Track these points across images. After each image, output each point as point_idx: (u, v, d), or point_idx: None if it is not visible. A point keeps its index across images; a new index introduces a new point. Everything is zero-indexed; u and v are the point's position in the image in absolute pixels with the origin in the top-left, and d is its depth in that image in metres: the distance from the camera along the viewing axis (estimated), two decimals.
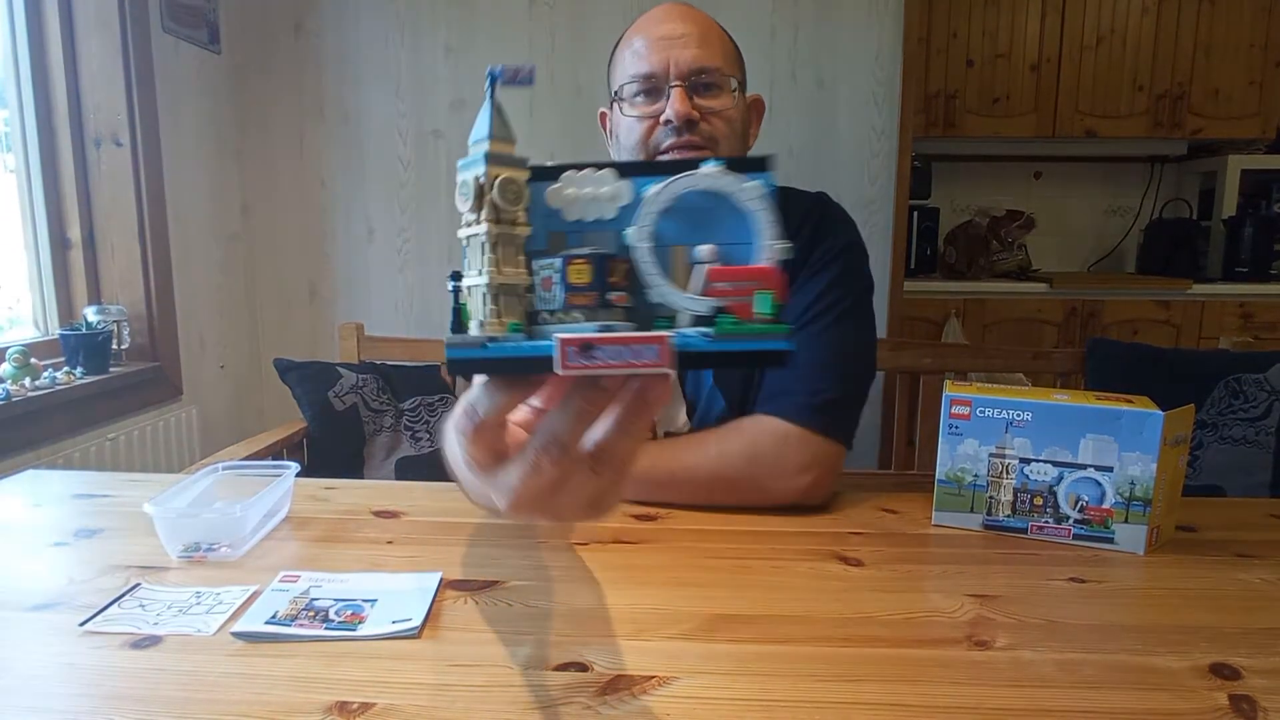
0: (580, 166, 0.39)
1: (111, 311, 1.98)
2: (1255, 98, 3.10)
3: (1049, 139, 3.23)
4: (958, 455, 0.84)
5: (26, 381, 1.70)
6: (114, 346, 1.97)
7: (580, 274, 0.38)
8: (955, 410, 0.83)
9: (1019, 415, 0.81)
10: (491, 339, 0.37)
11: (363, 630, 0.63)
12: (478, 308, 0.38)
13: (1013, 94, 3.17)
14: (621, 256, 0.39)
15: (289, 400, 1.75)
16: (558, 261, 0.38)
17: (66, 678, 0.56)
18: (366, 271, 2.63)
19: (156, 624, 0.64)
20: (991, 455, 0.82)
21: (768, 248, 0.38)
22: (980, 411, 0.82)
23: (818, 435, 0.88)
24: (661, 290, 0.38)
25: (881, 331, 2.45)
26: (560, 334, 0.34)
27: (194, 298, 2.31)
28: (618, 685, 0.56)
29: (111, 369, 1.94)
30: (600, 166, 0.39)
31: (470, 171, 0.38)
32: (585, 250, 0.39)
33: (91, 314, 1.94)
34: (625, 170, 0.39)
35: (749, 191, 0.38)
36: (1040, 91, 3.16)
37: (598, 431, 0.37)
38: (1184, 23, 3.08)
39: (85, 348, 1.88)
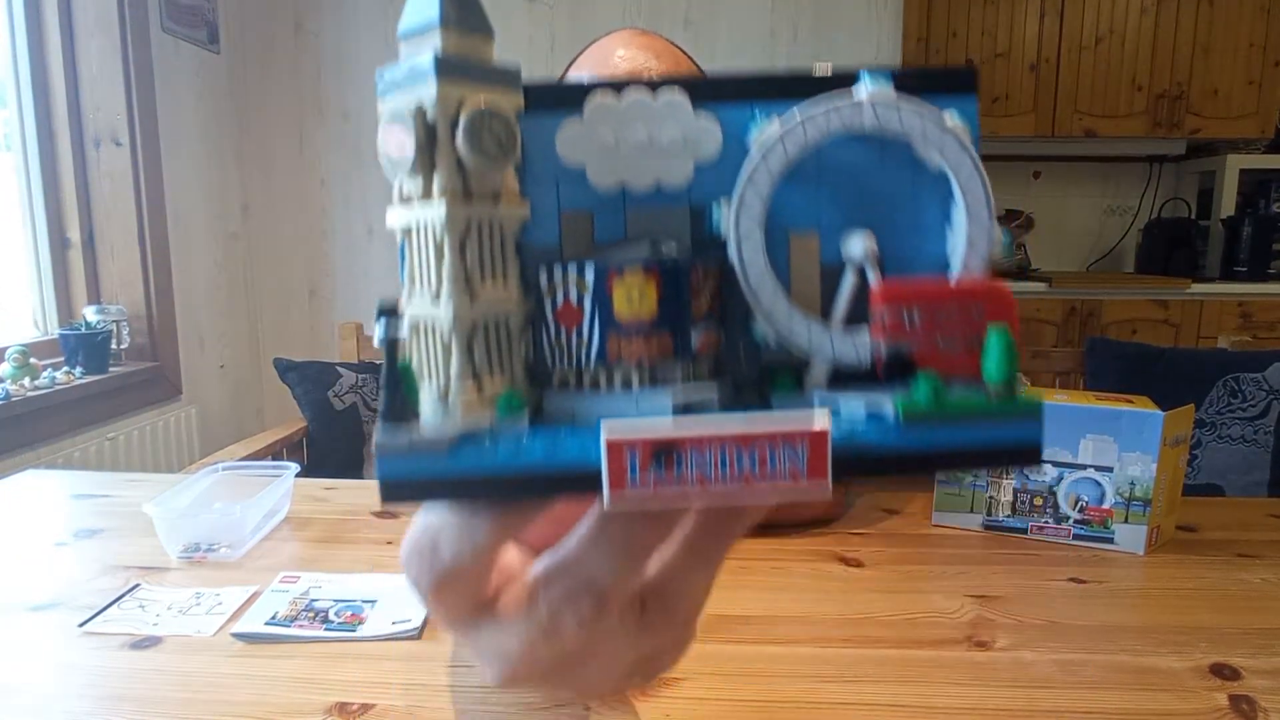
0: (620, 85, 0.22)
1: (111, 311, 1.98)
2: (1254, 97, 3.10)
3: (1048, 138, 3.22)
4: None
5: (26, 381, 1.71)
6: (114, 346, 1.97)
7: (635, 296, 0.21)
8: None
9: None
10: (467, 435, 0.20)
11: (362, 631, 0.63)
12: (433, 367, 0.22)
13: (1011, 93, 3.17)
14: (707, 260, 0.22)
15: (289, 400, 1.75)
16: (590, 273, 0.21)
17: (66, 678, 0.56)
18: (366, 271, 2.63)
19: (156, 625, 0.63)
20: None
21: (977, 238, 0.22)
22: None
23: None
24: (782, 320, 0.22)
25: None
26: (610, 425, 0.19)
27: (194, 298, 2.31)
28: None
29: (111, 369, 1.94)
30: (656, 84, 0.23)
31: (406, 94, 0.21)
32: (643, 253, 0.23)
33: (91, 314, 1.94)
34: (703, 91, 0.23)
35: (948, 135, 0.22)
36: (1039, 91, 3.16)
37: (655, 563, 0.23)
38: (1183, 22, 3.09)
39: (85, 348, 1.88)
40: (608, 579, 0.22)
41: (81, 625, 0.63)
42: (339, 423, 1.68)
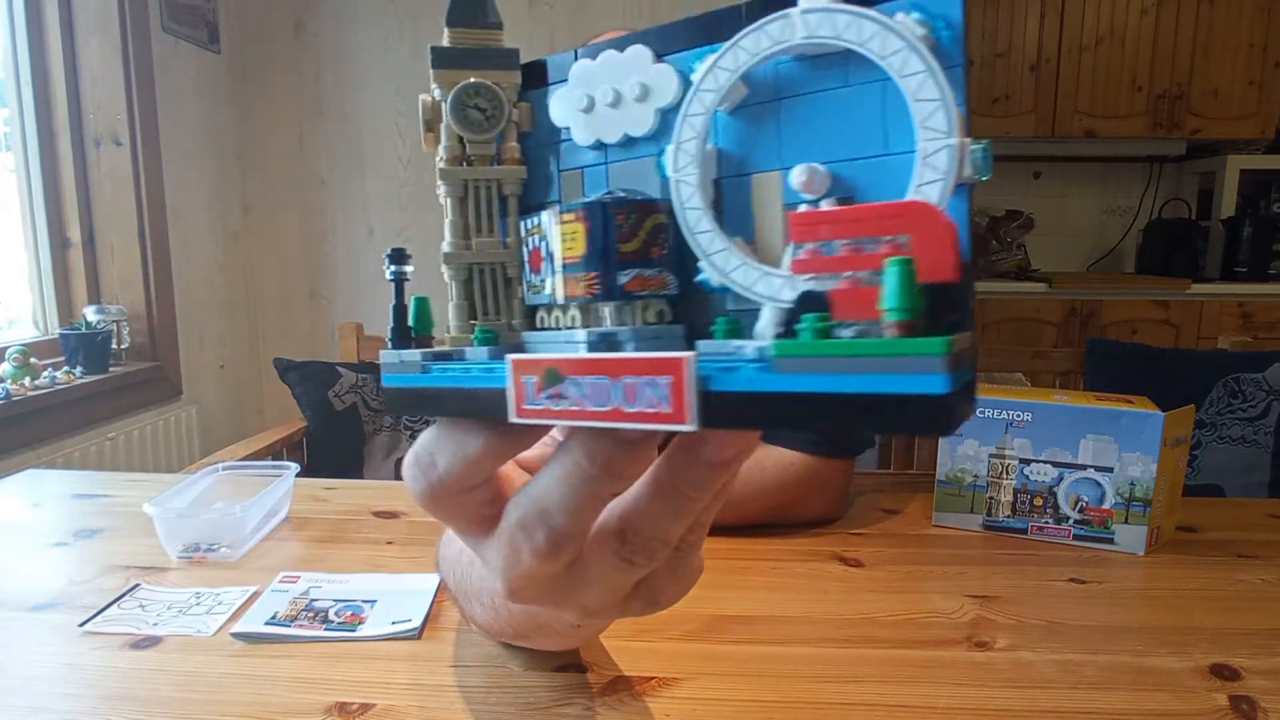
0: (598, 49, 0.24)
1: (111, 311, 1.98)
2: (1254, 98, 3.10)
3: (1048, 139, 3.22)
4: (958, 456, 0.84)
5: (26, 381, 1.70)
6: (114, 346, 1.97)
7: (569, 238, 0.22)
8: None
9: (1019, 416, 0.81)
10: (439, 356, 0.23)
11: (362, 631, 0.63)
12: (451, 304, 0.26)
13: (1012, 94, 3.17)
14: (658, 201, 0.22)
15: (289, 400, 1.75)
16: (544, 218, 0.23)
17: (66, 678, 0.56)
18: (366, 271, 2.63)
19: (156, 624, 0.63)
20: (991, 456, 0.82)
21: (932, 154, 0.18)
22: (980, 412, 0.82)
23: (834, 460, 0.86)
24: (721, 261, 0.21)
25: None
26: (514, 356, 0.21)
27: (194, 298, 2.31)
28: (617, 686, 0.56)
29: (111, 369, 1.94)
30: (624, 44, 0.23)
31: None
32: (584, 199, 0.24)
33: (91, 314, 1.94)
34: (669, 40, 0.22)
35: (891, 36, 0.18)
36: (1039, 91, 3.16)
37: (628, 500, 0.24)
38: (1183, 23, 3.08)
39: (85, 347, 1.88)
40: (561, 512, 0.23)
41: (81, 625, 0.63)
42: (339, 423, 1.68)
